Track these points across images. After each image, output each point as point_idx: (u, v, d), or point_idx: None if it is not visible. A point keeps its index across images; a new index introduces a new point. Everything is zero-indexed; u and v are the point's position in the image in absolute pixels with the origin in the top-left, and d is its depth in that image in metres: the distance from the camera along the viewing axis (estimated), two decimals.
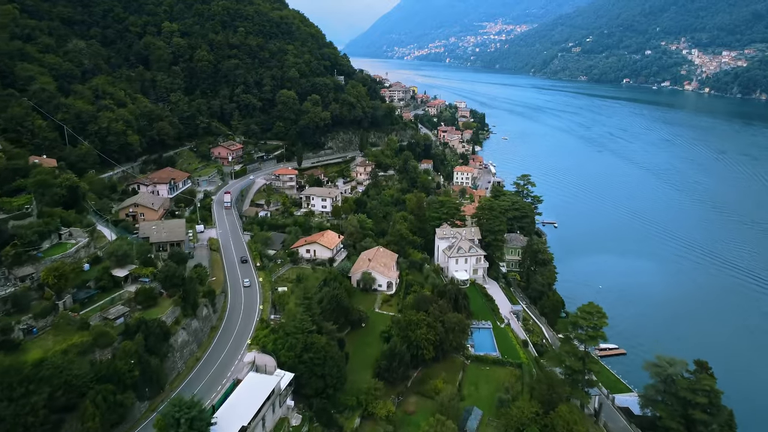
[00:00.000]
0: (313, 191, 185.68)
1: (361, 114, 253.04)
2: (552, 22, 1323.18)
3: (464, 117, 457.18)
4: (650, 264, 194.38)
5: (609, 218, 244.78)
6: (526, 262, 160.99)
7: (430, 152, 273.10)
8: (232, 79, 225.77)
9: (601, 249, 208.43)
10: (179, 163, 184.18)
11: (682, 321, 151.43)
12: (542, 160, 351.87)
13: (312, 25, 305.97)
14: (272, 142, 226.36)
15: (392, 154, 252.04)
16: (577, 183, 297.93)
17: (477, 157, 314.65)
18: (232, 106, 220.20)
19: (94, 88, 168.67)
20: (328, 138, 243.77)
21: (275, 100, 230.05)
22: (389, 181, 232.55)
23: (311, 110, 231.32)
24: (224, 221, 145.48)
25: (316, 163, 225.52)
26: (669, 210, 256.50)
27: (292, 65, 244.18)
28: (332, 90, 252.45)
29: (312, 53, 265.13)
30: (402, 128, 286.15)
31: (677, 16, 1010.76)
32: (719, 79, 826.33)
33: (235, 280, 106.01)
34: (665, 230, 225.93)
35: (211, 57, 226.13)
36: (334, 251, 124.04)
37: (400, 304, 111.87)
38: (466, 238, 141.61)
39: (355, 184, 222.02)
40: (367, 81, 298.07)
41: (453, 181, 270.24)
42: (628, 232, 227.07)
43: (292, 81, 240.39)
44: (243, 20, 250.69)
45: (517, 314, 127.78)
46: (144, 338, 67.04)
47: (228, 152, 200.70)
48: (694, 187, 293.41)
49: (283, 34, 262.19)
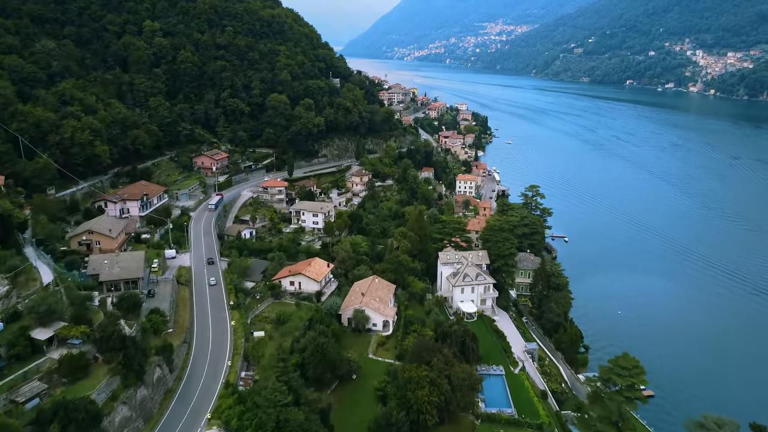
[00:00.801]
0: (303, 206, 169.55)
1: (357, 119, 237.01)
2: (553, 23, 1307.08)
3: (466, 120, 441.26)
4: (671, 284, 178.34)
5: (622, 231, 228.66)
6: (538, 286, 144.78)
7: (431, 159, 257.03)
8: (218, 82, 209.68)
9: (616, 266, 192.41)
10: (156, 174, 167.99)
11: (712, 356, 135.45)
12: (548, 166, 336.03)
13: (306, 25, 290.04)
14: (261, 150, 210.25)
15: (391, 162, 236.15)
16: (586, 192, 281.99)
17: (480, 164, 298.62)
18: (218, 111, 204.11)
19: (60, 93, 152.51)
20: (322, 145, 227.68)
21: (265, 104, 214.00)
22: (387, 192, 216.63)
23: (304, 115, 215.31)
24: (201, 244, 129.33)
25: (308, 173, 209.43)
26: (686, 222, 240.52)
27: (284, 67, 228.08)
28: (327, 94, 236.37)
29: (306, 54, 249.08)
30: (401, 134, 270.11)
31: (681, 17, 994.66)
32: (724, 80, 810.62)
33: (204, 322, 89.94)
34: (683, 245, 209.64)
35: (196, 58, 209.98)
36: (322, 283, 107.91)
37: (398, 348, 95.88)
38: (473, 263, 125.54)
39: (350, 195, 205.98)
40: (365, 84, 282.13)
41: (455, 190, 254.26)
42: (643, 247, 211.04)
43: (284, 84, 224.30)
44: (231, 19, 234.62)
45: (532, 354, 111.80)
46: (62, 429, 50.89)
47: (212, 162, 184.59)
48: (710, 197, 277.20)
49: (275, 34, 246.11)
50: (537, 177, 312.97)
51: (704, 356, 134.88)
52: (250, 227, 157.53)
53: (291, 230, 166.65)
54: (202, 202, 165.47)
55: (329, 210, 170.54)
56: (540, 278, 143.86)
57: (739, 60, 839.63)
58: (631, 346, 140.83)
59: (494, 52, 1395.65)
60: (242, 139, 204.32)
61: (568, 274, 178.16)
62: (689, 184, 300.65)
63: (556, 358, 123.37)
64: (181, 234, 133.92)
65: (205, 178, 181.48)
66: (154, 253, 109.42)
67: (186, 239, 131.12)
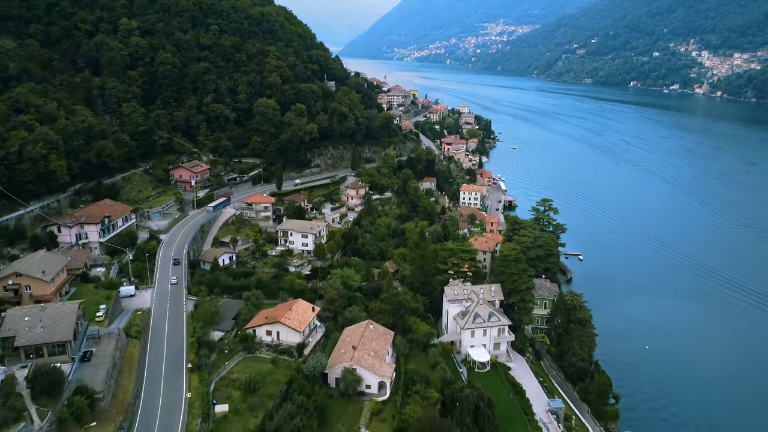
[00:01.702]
0: (291, 225, 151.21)
1: (353, 126, 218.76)
2: (555, 23, 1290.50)
3: (468, 124, 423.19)
4: (700, 310, 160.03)
5: (640, 246, 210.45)
6: (557, 320, 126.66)
7: (433, 168, 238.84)
8: (200, 85, 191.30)
9: (638, 289, 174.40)
10: (126, 190, 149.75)
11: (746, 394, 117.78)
12: (555, 173, 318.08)
13: (300, 24, 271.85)
14: (248, 160, 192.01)
15: (390, 173, 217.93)
16: (598, 201, 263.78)
17: (485, 172, 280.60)
18: (200, 117, 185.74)
19: (14, 99, 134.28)
20: (315, 154, 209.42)
21: (252, 110, 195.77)
22: (386, 206, 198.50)
23: (295, 122, 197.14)
24: (167, 276, 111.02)
25: (299, 185, 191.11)
26: (708, 235, 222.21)
27: (274, 69, 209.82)
28: (320, 98, 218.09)
29: (298, 55, 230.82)
30: (401, 140, 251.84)
31: (685, 17, 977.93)
32: (731, 82, 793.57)
33: (154, 393, 71.76)
34: (708, 263, 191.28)
35: (177, 60, 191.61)
36: (305, 332, 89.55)
37: (396, 418, 77.70)
38: (484, 300, 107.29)
39: (345, 210, 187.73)
40: (362, 87, 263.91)
41: (459, 201, 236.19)
42: (665, 265, 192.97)
43: (273, 88, 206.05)
44: (217, 17, 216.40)
45: (557, 414, 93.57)
46: None
47: (191, 175, 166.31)
48: (730, 207, 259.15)
49: (265, 34, 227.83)
50: (544, 185, 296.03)
51: (744, 397, 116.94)
52: (230, 251, 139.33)
53: (277, 253, 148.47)
54: (177, 221, 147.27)
55: (320, 230, 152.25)
56: (559, 311, 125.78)
57: (746, 61, 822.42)
58: (665, 393, 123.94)
59: (495, 53, 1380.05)
60: (226, 149, 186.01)
61: (587, 298, 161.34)
62: (706, 193, 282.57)
63: (582, 412, 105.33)
64: (147, 263, 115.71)
65: (183, 193, 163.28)
66: (103, 295, 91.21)
67: (151, 270, 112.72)
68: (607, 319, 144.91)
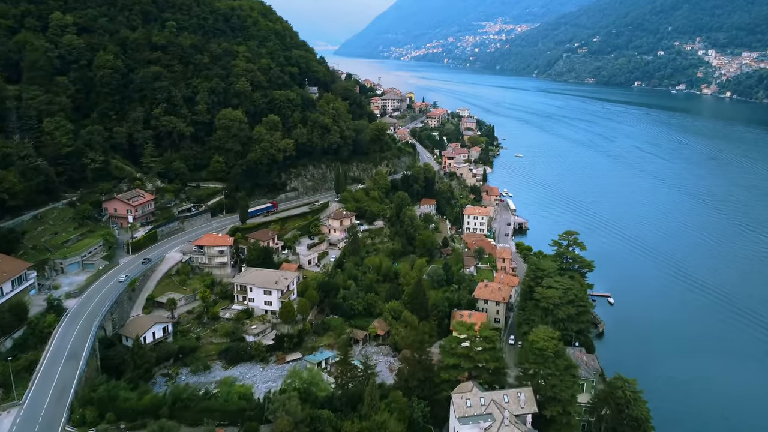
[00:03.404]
0: (251, 277, 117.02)
1: (338, 140, 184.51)
2: (555, 21, 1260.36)
3: (470, 130, 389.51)
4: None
5: (677, 282, 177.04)
6: (603, 421, 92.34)
7: (433, 188, 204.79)
8: (149, 94, 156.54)
9: (688, 345, 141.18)
10: (36, 234, 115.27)
11: None
12: (566, 187, 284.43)
13: (279, 20, 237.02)
14: (207, 184, 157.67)
15: (381, 195, 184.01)
16: (619, 223, 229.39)
17: (492, 189, 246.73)
18: (147, 134, 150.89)
19: None
20: (292, 176, 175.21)
21: (214, 123, 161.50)
22: (376, 238, 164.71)
23: (266, 137, 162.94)
24: (52, 381, 76.49)
25: (270, 216, 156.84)
26: (758, 268, 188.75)
27: (243, 73, 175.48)
28: (299, 107, 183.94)
29: (274, 57, 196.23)
30: (395, 155, 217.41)
31: (691, 15, 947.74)
32: (741, 82, 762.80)
33: None
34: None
35: (121, 62, 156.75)
36: None
37: None
38: (511, 417, 73.31)
39: (325, 246, 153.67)
40: (351, 92, 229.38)
41: (463, 226, 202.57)
42: (710, 309, 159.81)
43: (242, 96, 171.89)
44: (176, 11, 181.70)
45: None
46: None
47: (129, 208, 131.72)
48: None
49: (234, 31, 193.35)
50: (555, 201, 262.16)
51: None
52: (166, 319, 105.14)
53: (233, 315, 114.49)
54: (102, 274, 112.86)
55: (289, 283, 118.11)
56: (606, 406, 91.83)
57: (756, 60, 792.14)
58: None
59: (494, 52, 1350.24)
60: (180, 172, 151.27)
61: (627, 360, 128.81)
62: (744, 212, 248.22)
63: None
64: (35, 351, 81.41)
65: (117, 232, 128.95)
66: None
67: (32, 369, 78.20)
68: (658, 393, 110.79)
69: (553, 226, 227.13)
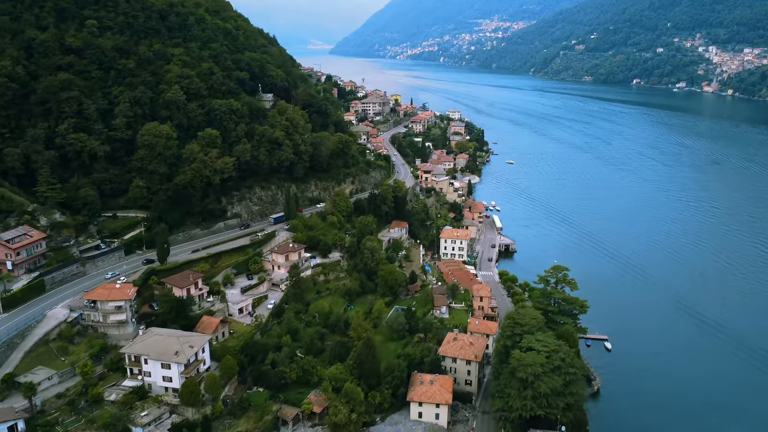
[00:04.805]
0: (146, 346, 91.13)
1: (291, 156, 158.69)
2: (551, 18, 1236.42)
3: (458, 134, 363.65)
4: None
5: (692, 322, 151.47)
6: None
7: (405, 209, 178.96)
8: (55, 106, 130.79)
9: (706, 404, 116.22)
10: None
11: None
12: (561, 200, 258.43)
13: (236, 17, 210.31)
14: (127, 214, 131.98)
15: (342, 220, 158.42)
16: (620, 246, 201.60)
17: (476, 204, 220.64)
18: (49, 155, 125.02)
19: None
20: (234, 200, 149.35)
21: (135, 140, 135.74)
22: (330, 273, 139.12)
23: (198, 156, 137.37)
24: None
25: (200, 250, 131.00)
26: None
27: (176, 80, 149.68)
28: (245, 119, 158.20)
29: (219, 60, 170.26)
30: (363, 170, 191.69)
31: (690, 10, 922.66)
32: (743, 79, 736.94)
33: None
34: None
35: (21, 69, 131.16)
36: None
37: None
38: None
39: (265, 288, 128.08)
40: (315, 99, 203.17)
41: (440, 251, 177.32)
42: (732, 355, 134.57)
43: (173, 107, 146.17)
44: (100, 8, 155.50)
45: None
46: None
47: (8, 251, 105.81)
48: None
49: (172, 31, 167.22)
50: (546, 215, 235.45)
51: None
52: (17, 413, 79.35)
53: (119, 396, 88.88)
54: None
55: (198, 350, 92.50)
56: None
57: (758, 57, 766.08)
58: None
59: (490, 50, 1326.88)
60: (90, 201, 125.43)
61: (626, 427, 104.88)
62: (755, 226, 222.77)
63: None
64: None
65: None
66: None
67: None
68: None
69: (544, 247, 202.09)
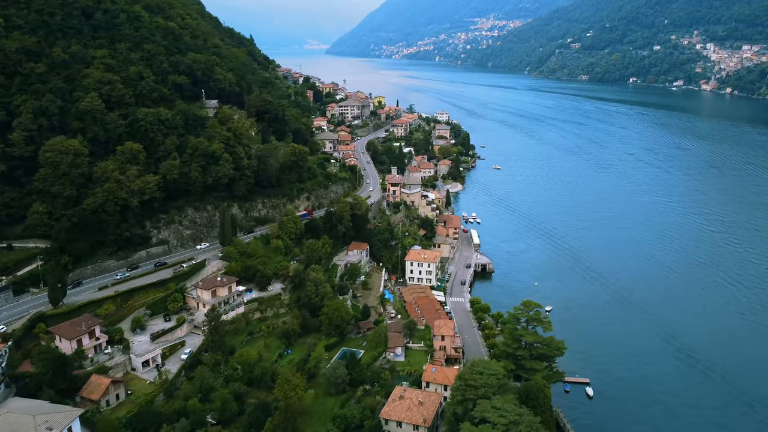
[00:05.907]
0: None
1: (230, 171, 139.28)
2: (547, 17, 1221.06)
3: (442, 138, 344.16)
4: None
5: (689, 363, 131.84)
6: None
7: (365, 228, 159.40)
8: None
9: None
10: None
11: None
12: (548, 212, 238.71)
13: (185, 16, 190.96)
14: (26, 244, 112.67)
15: (290, 245, 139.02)
16: (608, 269, 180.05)
17: (452, 219, 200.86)
18: None
19: None
20: (161, 224, 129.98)
21: (38, 157, 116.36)
22: (269, 310, 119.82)
23: (113, 175, 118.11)
24: None
25: (108, 286, 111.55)
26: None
27: (96, 86, 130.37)
28: (176, 130, 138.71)
29: (152, 63, 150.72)
30: (321, 184, 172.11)
31: (687, 7, 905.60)
32: (742, 77, 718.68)
33: None
34: None
35: None
36: None
37: None
38: None
39: (185, 331, 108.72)
40: (273, 105, 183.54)
41: (406, 275, 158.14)
42: (734, 403, 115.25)
43: (88, 118, 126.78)
44: (9, 4, 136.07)
45: None
46: None
47: None
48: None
49: (97, 31, 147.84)
50: (532, 233, 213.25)
51: None
52: None
53: None
54: None
55: (62, 431, 73.08)
56: None
57: (757, 54, 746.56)
58: None
59: (485, 49, 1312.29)
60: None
61: None
62: (760, 240, 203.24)
63: None
64: None
65: None
66: None
67: None
68: None
69: (526, 267, 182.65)
